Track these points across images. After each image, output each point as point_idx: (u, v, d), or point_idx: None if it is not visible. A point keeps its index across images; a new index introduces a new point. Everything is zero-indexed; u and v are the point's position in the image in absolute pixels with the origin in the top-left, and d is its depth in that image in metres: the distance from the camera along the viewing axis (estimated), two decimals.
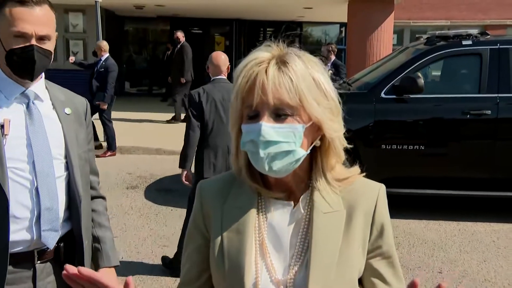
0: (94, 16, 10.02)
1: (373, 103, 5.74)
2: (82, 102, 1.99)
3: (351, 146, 1.22)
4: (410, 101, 5.72)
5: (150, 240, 5.13)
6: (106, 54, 8.71)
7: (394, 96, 5.75)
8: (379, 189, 1.22)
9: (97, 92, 8.52)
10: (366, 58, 11.35)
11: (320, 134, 1.16)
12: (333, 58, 9.52)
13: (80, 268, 1.02)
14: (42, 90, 1.84)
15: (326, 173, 1.19)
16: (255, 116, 1.11)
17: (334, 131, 1.15)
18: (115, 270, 2.01)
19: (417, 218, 5.81)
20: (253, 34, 18.40)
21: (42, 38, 1.72)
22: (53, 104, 1.85)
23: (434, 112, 5.80)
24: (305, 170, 1.19)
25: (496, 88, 5.65)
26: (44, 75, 1.87)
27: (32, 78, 1.75)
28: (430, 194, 5.85)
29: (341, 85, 6.60)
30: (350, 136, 1.22)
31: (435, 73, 7.18)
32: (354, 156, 1.25)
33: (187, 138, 4.11)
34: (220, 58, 4.18)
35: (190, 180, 4.27)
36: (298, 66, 1.11)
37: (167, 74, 12.64)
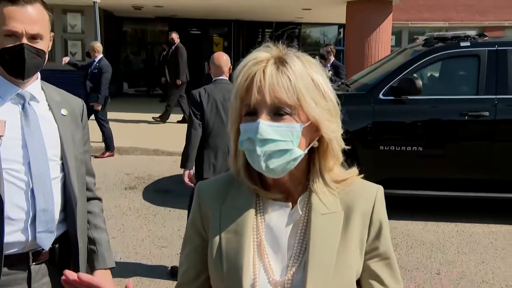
0: (92, 16, 9.99)
1: (371, 104, 5.75)
2: (79, 103, 1.98)
3: (349, 148, 1.22)
4: (408, 102, 5.73)
5: (148, 240, 5.13)
6: (99, 55, 8.69)
7: (393, 97, 5.75)
8: (377, 190, 1.23)
9: (91, 93, 8.50)
10: (364, 59, 11.37)
11: (318, 135, 1.16)
12: (332, 59, 9.54)
13: (79, 274, 1.02)
14: (38, 91, 1.83)
15: (324, 174, 1.19)
16: (253, 115, 1.11)
17: (331, 132, 1.15)
18: (111, 272, 2.00)
19: (415, 220, 5.82)
20: (251, 35, 18.41)
21: (34, 37, 1.71)
22: (49, 105, 1.84)
23: (432, 113, 5.81)
24: (302, 172, 1.19)
25: (494, 89, 5.66)
26: (40, 76, 1.86)
27: (23, 77, 1.73)
28: (428, 195, 5.85)
29: (339, 86, 6.60)
30: (348, 137, 1.22)
31: (434, 74, 7.19)
32: (352, 157, 1.25)
33: (189, 138, 4.09)
34: (221, 59, 4.17)
35: (192, 180, 4.23)
36: (297, 66, 1.12)
37: (161, 75, 12.71)
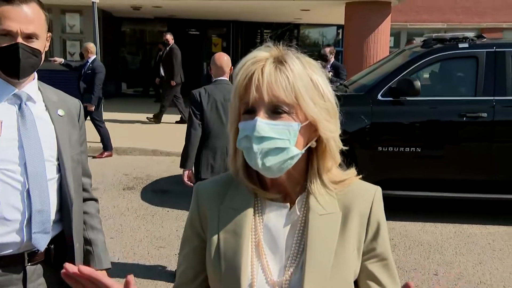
0: (91, 16, 10.01)
1: (369, 105, 5.75)
2: (76, 103, 1.97)
3: (347, 148, 1.23)
4: (406, 103, 5.74)
5: (146, 241, 5.13)
6: (93, 56, 8.67)
7: (391, 98, 5.76)
8: (375, 191, 1.23)
9: (84, 94, 8.49)
10: (363, 60, 11.39)
11: (316, 135, 1.16)
12: (332, 60, 9.54)
13: (80, 267, 1.01)
14: (34, 91, 1.82)
15: (322, 175, 1.19)
16: (252, 113, 1.12)
17: (330, 132, 1.15)
18: (107, 272, 2.00)
19: (413, 220, 5.82)
20: (250, 35, 18.42)
21: (29, 37, 1.70)
22: (46, 105, 1.83)
23: (431, 114, 5.81)
24: (301, 173, 1.19)
25: (492, 91, 5.67)
26: (37, 76, 1.85)
27: (18, 77, 1.72)
28: (426, 196, 5.86)
29: (338, 87, 6.61)
30: (346, 138, 1.23)
31: (432, 75, 7.20)
32: (351, 158, 1.25)
33: (189, 137, 4.08)
34: (222, 59, 4.16)
35: (192, 179, 4.22)
36: (296, 65, 1.12)
37: (157, 75, 12.75)
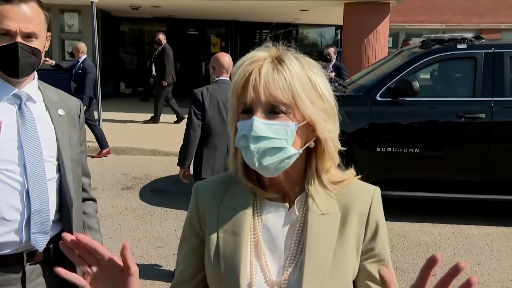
0: (90, 16, 9.98)
1: (368, 106, 5.76)
2: (76, 103, 1.97)
3: (345, 149, 1.23)
4: (405, 104, 5.74)
5: (144, 241, 5.12)
6: (83, 56, 8.61)
7: (390, 99, 5.76)
8: (374, 191, 1.23)
9: (75, 94, 8.46)
10: (362, 61, 11.39)
11: (315, 136, 1.16)
12: (334, 60, 9.54)
13: (77, 234, 1.01)
14: (34, 91, 1.82)
15: (321, 175, 1.19)
16: (249, 112, 1.12)
17: (328, 132, 1.16)
18: None
19: (411, 221, 5.83)
20: (249, 35, 18.43)
21: (28, 36, 1.70)
22: (46, 105, 1.83)
23: (429, 115, 5.82)
24: (299, 173, 1.20)
25: (490, 91, 5.67)
26: (37, 76, 1.85)
27: (18, 76, 1.72)
28: (425, 197, 5.86)
29: (336, 87, 6.61)
30: (345, 138, 1.23)
31: (430, 76, 7.21)
32: (349, 158, 1.25)
33: (188, 137, 4.07)
34: (224, 60, 4.16)
35: (188, 178, 4.24)
36: (294, 65, 1.12)
37: (150, 75, 12.80)
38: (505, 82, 5.67)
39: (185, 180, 4.26)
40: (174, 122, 11.57)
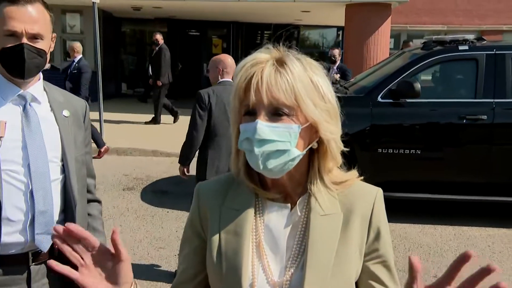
0: (91, 17, 9.98)
1: (369, 107, 5.76)
2: (82, 104, 1.97)
3: (348, 149, 1.23)
4: (406, 105, 5.74)
5: (146, 241, 5.13)
6: (79, 56, 8.56)
7: (391, 100, 5.76)
8: (377, 192, 1.23)
9: None
10: (363, 62, 11.40)
11: (317, 137, 1.16)
12: (338, 61, 9.52)
13: (68, 224, 1.02)
14: (40, 92, 1.82)
15: (323, 175, 1.19)
16: (252, 115, 1.12)
17: (330, 133, 1.16)
18: None
19: (412, 222, 5.82)
20: (250, 36, 18.44)
21: (34, 37, 1.70)
22: (51, 106, 1.83)
23: (430, 116, 5.82)
24: (302, 174, 1.20)
25: (492, 93, 5.67)
26: (42, 76, 1.86)
27: (23, 77, 1.73)
28: (426, 198, 5.86)
29: (338, 88, 6.61)
30: (347, 139, 1.23)
31: (432, 77, 7.21)
32: (351, 159, 1.25)
33: (191, 138, 4.06)
34: (227, 61, 4.17)
35: (186, 174, 4.28)
36: (296, 67, 1.12)
37: (148, 75, 12.88)
38: (506, 84, 5.67)
39: (184, 176, 4.31)
40: (174, 122, 11.58)
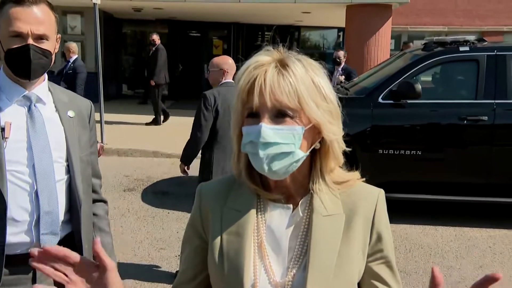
0: (92, 18, 9.99)
1: (370, 108, 5.76)
2: (87, 104, 1.98)
3: (350, 150, 1.23)
4: (407, 106, 5.74)
5: (146, 242, 5.13)
6: (74, 56, 8.53)
7: (392, 101, 5.76)
8: (379, 193, 1.23)
9: None
10: (364, 63, 11.39)
11: (320, 137, 1.16)
12: (343, 63, 9.48)
13: (44, 247, 1.01)
14: (44, 93, 1.83)
15: (325, 175, 1.19)
16: (255, 118, 1.12)
17: (333, 134, 1.16)
18: None
19: (413, 223, 5.82)
20: (251, 38, 18.43)
21: (40, 38, 1.71)
22: (56, 106, 1.84)
23: (431, 117, 5.82)
24: (304, 175, 1.20)
25: (493, 94, 5.67)
26: (47, 77, 1.86)
27: (29, 77, 1.74)
28: (427, 199, 5.86)
29: (339, 89, 6.62)
30: (347, 140, 1.23)
31: (433, 78, 7.21)
32: (352, 160, 1.25)
33: (194, 139, 4.05)
34: (230, 62, 4.18)
35: (186, 172, 4.32)
36: (298, 69, 1.12)
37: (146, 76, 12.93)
38: (507, 85, 5.67)
39: (185, 174, 4.37)
40: (163, 122, 11.59)
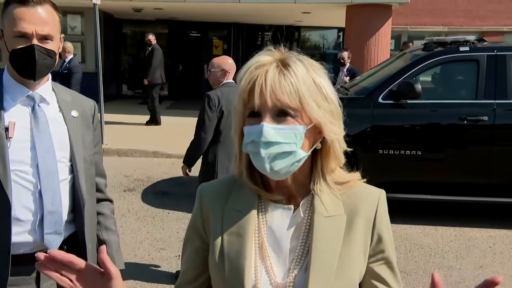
0: (92, 18, 9.98)
1: (370, 108, 5.76)
2: (90, 104, 1.98)
3: (351, 150, 1.23)
4: (407, 106, 5.74)
5: (146, 243, 5.13)
6: (70, 56, 8.51)
7: (392, 101, 5.76)
8: (380, 194, 1.23)
9: None
10: (364, 63, 11.39)
11: (321, 137, 1.17)
12: (348, 64, 9.45)
13: (50, 251, 1.01)
14: (48, 93, 1.84)
15: (325, 175, 1.19)
16: (257, 117, 1.12)
17: (334, 134, 1.16)
18: (121, 273, 2.01)
19: (413, 223, 5.82)
20: (251, 38, 18.44)
21: (44, 38, 1.72)
22: (59, 106, 1.85)
23: (431, 117, 5.82)
24: (305, 175, 1.20)
25: (493, 94, 5.67)
26: (50, 77, 1.87)
27: (34, 77, 1.75)
28: (427, 199, 5.85)
29: (339, 89, 6.62)
30: (348, 140, 1.23)
31: (433, 79, 7.21)
32: (352, 160, 1.25)
33: (199, 139, 4.03)
34: (230, 62, 4.18)
35: (188, 175, 4.29)
36: (299, 69, 1.12)
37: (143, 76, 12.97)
38: (507, 85, 5.67)
39: (187, 176, 4.31)
40: (147, 122, 11.61)
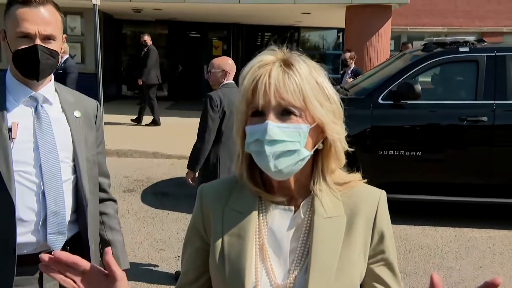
0: (92, 19, 9.97)
1: (370, 109, 5.76)
2: (93, 105, 1.99)
3: (353, 150, 1.24)
4: (407, 107, 5.74)
5: (146, 243, 5.13)
6: (65, 56, 8.48)
7: (391, 102, 5.77)
8: (380, 195, 1.23)
9: None
10: (364, 64, 11.39)
11: (323, 137, 1.17)
12: (353, 65, 9.39)
13: (55, 252, 1.01)
14: (51, 93, 1.84)
15: (326, 175, 1.20)
16: (260, 116, 1.12)
17: (336, 134, 1.17)
18: (126, 273, 2.01)
19: (413, 224, 5.82)
20: (251, 38, 18.44)
21: (47, 38, 1.73)
22: (62, 107, 1.85)
23: (431, 118, 5.82)
24: (307, 176, 1.20)
25: (492, 95, 5.68)
26: (53, 77, 1.87)
27: (38, 78, 1.75)
28: (427, 199, 5.86)
29: (338, 90, 6.62)
30: (349, 141, 1.23)
31: (432, 79, 7.21)
32: (352, 161, 1.25)
33: (203, 141, 4.01)
34: (230, 63, 4.18)
35: (195, 179, 4.19)
36: (303, 68, 1.13)
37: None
38: (507, 85, 5.68)
39: (193, 183, 4.17)
40: (131, 120, 11.67)
